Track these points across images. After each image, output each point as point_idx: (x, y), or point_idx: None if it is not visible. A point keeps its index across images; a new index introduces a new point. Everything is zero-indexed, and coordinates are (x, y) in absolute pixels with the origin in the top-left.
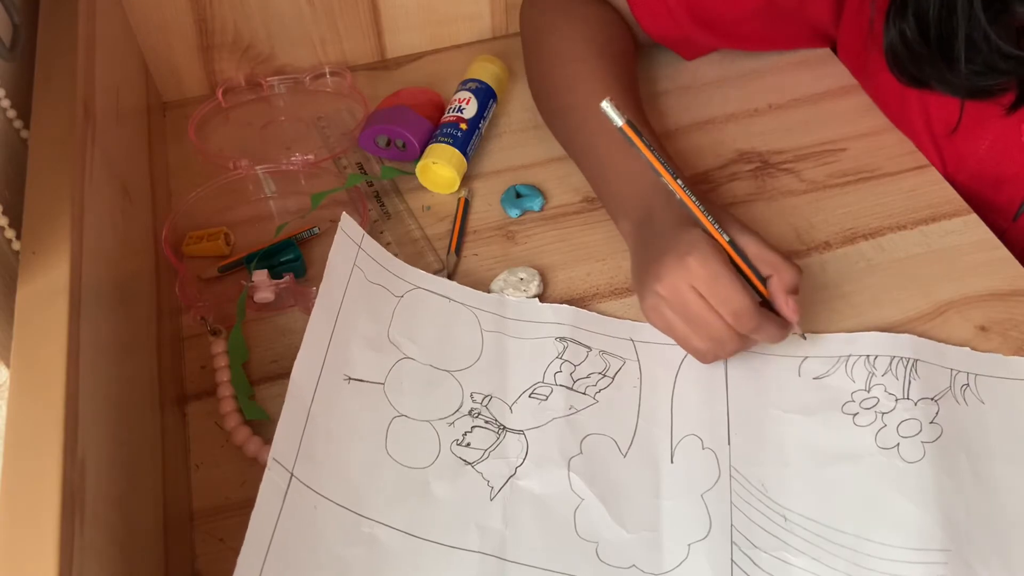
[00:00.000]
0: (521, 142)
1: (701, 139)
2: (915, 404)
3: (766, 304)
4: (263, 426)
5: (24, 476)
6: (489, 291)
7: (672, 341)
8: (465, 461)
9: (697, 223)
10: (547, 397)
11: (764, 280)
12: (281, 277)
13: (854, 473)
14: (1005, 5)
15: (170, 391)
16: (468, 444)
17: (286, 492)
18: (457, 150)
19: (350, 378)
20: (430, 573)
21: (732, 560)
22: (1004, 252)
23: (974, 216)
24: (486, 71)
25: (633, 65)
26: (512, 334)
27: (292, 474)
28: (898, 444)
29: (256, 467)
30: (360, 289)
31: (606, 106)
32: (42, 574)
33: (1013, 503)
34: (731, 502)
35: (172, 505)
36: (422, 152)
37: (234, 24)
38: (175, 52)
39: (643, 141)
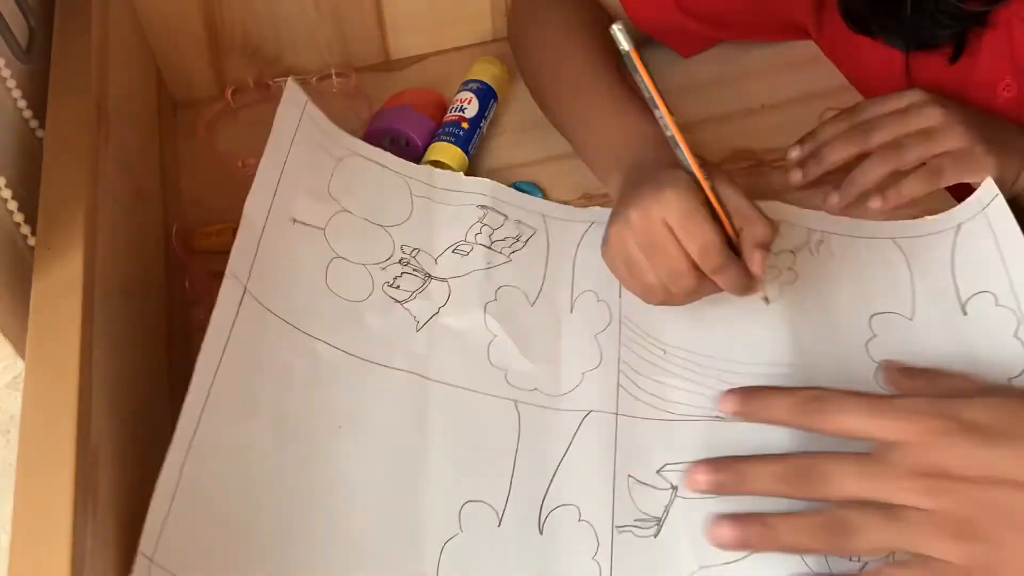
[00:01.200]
0: (521, 141)
1: (696, 138)
2: (775, 255)
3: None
4: None
5: (39, 466)
6: None
7: (578, 218)
8: (395, 300)
9: (683, 164)
10: (468, 253)
11: (737, 232)
12: None
13: (723, 310)
14: None
15: (181, 382)
16: (398, 287)
17: (240, 302)
18: (459, 148)
19: (295, 220)
20: (364, 385)
21: (619, 384)
22: None
23: None
24: (487, 72)
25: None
26: (439, 200)
27: (246, 287)
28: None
29: None
30: (304, 146)
31: (616, 29)
32: (56, 561)
33: (850, 331)
34: (620, 341)
35: None
36: (425, 150)
37: (243, 27)
38: (186, 54)
39: (648, 72)
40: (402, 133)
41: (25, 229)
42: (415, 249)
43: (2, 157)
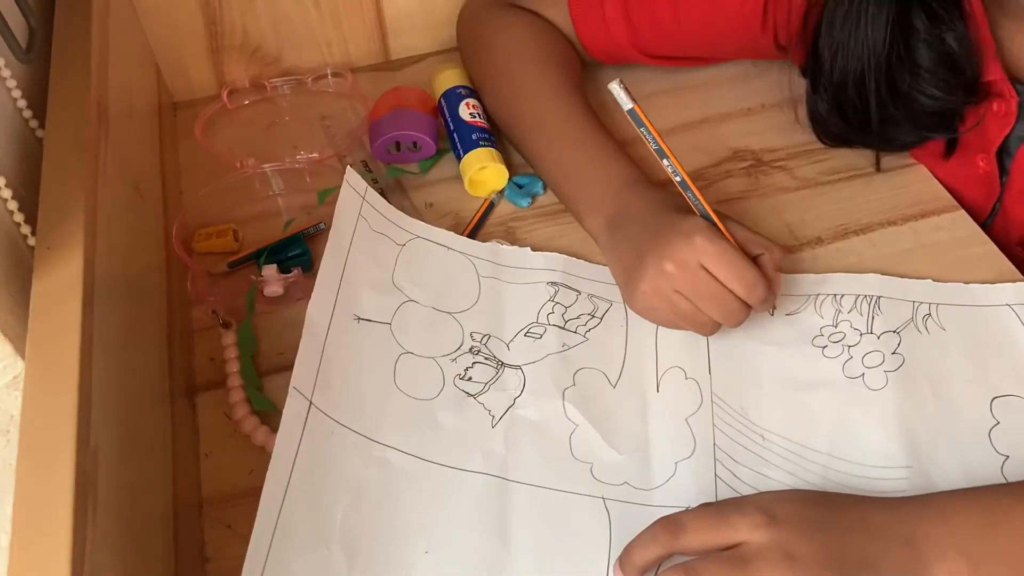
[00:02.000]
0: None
1: (696, 138)
2: (878, 338)
3: None
4: (270, 416)
5: (39, 464)
6: None
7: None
8: (467, 393)
9: (694, 209)
10: (541, 336)
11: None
12: (289, 272)
13: (824, 398)
14: (912, 95)
15: (180, 382)
16: (470, 378)
17: (306, 418)
18: (499, 152)
19: (359, 318)
20: (439, 492)
21: (716, 475)
22: (991, 247)
23: (962, 212)
24: (464, 76)
25: (574, 64)
26: (507, 279)
27: (311, 402)
28: (863, 374)
29: (264, 456)
30: (365, 237)
31: (615, 87)
32: (56, 559)
33: (971, 419)
34: (713, 424)
35: (182, 493)
36: (437, 147)
37: (243, 27)
38: (186, 54)
39: (651, 123)
40: (409, 138)
41: (25, 229)
42: (485, 335)
43: (2, 157)
